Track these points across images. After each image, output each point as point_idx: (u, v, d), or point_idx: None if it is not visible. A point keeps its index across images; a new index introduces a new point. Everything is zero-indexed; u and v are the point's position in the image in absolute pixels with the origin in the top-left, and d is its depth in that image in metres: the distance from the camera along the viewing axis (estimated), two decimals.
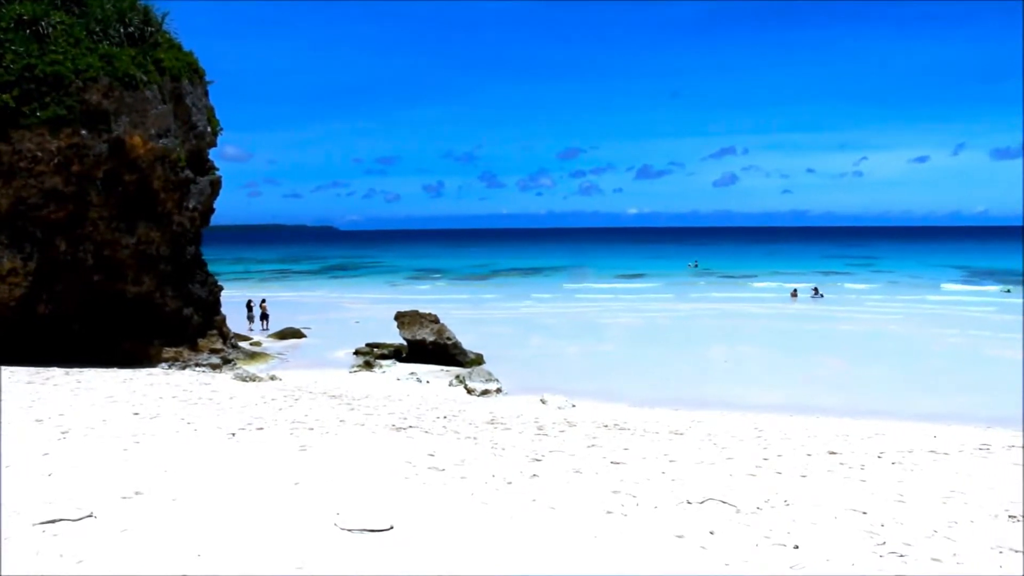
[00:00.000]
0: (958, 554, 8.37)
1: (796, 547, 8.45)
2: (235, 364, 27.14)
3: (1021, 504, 10.58)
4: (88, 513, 8.55)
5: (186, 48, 27.44)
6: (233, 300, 39.94)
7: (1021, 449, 15.19)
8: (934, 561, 8.14)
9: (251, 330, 40.23)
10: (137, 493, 9.49)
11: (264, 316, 41.99)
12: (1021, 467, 13.51)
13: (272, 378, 24.76)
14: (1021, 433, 17.66)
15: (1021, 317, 46.07)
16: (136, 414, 15.66)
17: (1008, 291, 65.19)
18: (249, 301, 44.02)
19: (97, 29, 24.07)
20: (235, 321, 33.00)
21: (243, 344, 32.29)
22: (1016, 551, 8.54)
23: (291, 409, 17.91)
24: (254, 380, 23.62)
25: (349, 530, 8.44)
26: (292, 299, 45.84)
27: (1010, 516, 9.97)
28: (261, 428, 14.87)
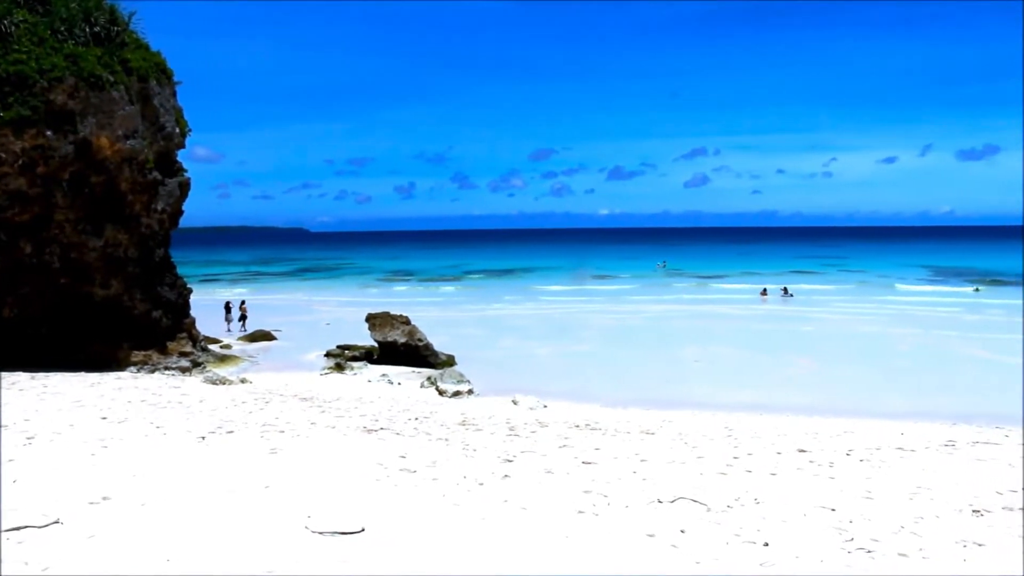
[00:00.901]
0: (924, 549, 8.48)
1: (766, 544, 8.52)
2: (205, 367, 26.94)
3: (985, 499, 10.74)
4: (54, 519, 8.45)
5: (154, 48, 27.18)
6: (204, 303, 39.75)
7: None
8: (900, 556, 8.23)
9: (229, 331, 40.02)
10: (105, 498, 9.40)
11: (243, 317, 41.86)
12: (1021, 464, 13.69)
13: (242, 381, 24.60)
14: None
15: (988, 316, 46.74)
16: (104, 418, 15.50)
17: (977, 290, 66.05)
18: (227, 303, 43.80)
19: (62, 28, 23.77)
20: (210, 323, 32.81)
21: (213, 347, 32.07)
22: (980, 545, 8.67)
23: (262, 412, 17.80)
24: (224, 383, 23.45)
25: (320, 533, 8.41)
26: (263, 301, 45.56)
27: (974, 511, 10.11)
28: (231, 431, 14.77)
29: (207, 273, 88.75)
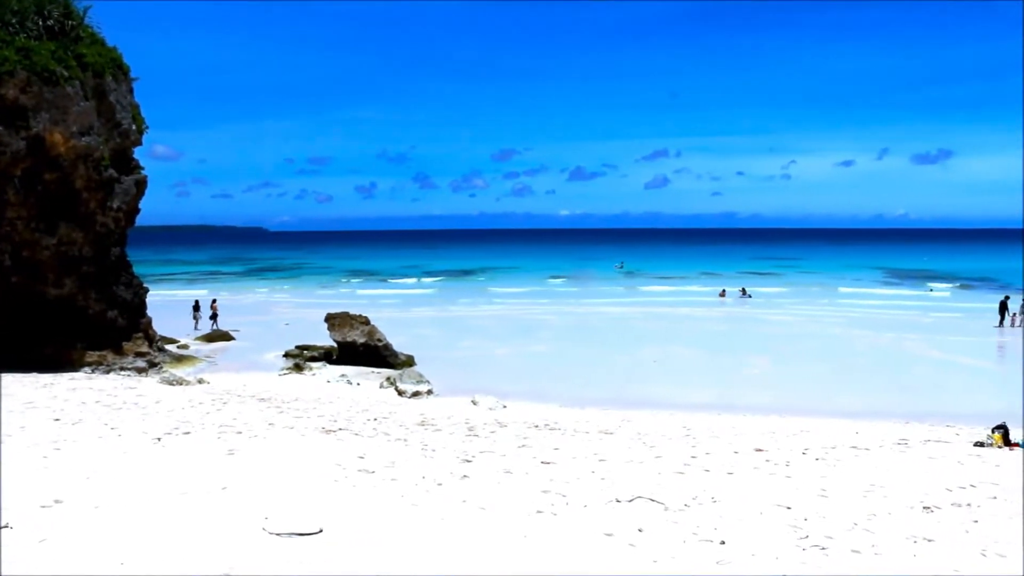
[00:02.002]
0: (876, 545, 8.60)
1: (723, 542, 8.59)
2: (161, 368, 26.63)
3: (935, 496, 10.93)
4: (4, 524, 8.30)
5: (110, 43, 26.82)
6: (162, 302, 39.19)
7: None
8: (854, 553, 8.35)
9: (197, 329, 39.80)
10: (57, 502, 9.26)
11: (214, 315, 41.61)
12: (969, 462, 13.94)
13: (200, 381, 24.35)
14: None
15: (942, 317, 47.52)
16: (57, 420, 15.28)
17: (931, 291, 67.18)
18: (196, 301, 43.56)
19: (13, 21, 23.37)
20: (168, 323, 32.33)
21: (170, 347, 31.69)
22: (929, 541, 8.82)
23: (219, 413, 17.65)
24: (181, 384, 23.20)
25: (278, 534, 8.34)
26: (221, 301, 45.01)
27: (924, 507, 10.29)
28: (188, 432, 14.63)
29: (164, 272, 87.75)
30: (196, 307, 42.44)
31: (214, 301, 43.41)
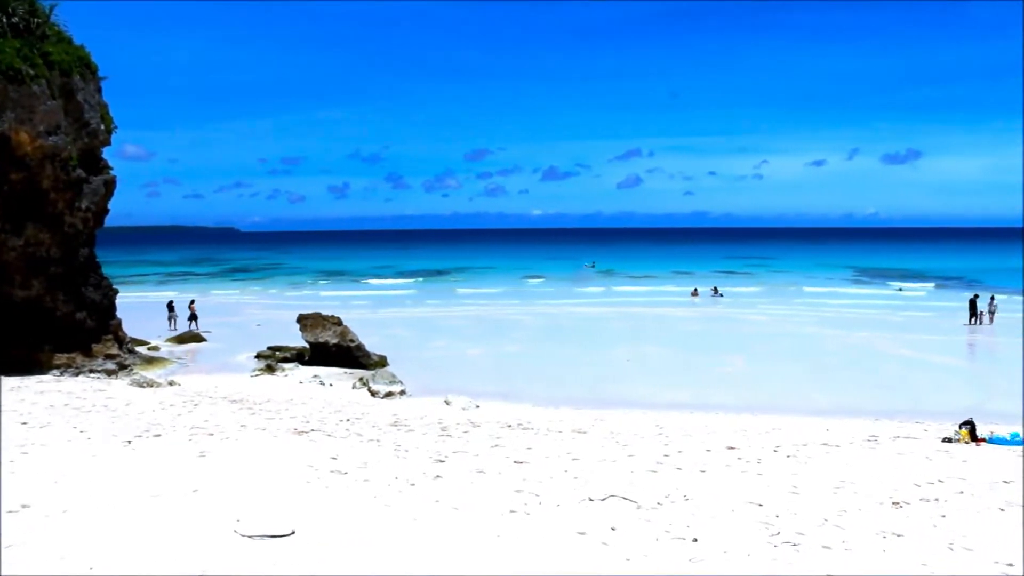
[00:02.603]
0: (846, 541, 8.67)
1: (695, 540, 8.63)
2: (132, 370, 26.38)
3: (904, 492, 11.04)
4: None
5: (77, 42, 26.53)
6: (132, 304, 38.77)
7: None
8: (824, 549, 8.41)
9: (173, 330, 39.60)
10: (24, 506, 9.14)
11: (193, 316, 41.34)
12: (937, 458, 14.09)
13: (171, 383, 24.15)
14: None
15: (911, 315, 48.03)
16: (24, 423, 15.10)
17: (901, 290, 67.87)
18: (170, 302, 43.37)
19: None
20: (139, 324, 32.01)
21: (140, 349, 31.38)
22: (899, 536, 8.91)
23: (190, 415, 17.53)
24: (152, 386, 22.99)
25: (250, 536, 8.29)
26: (183, 301, 44.78)
27: (894, 503, 10.40)
28: (158, 435, 14.51)
29: (135, 274, 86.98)
30: (171, 307, 42.17)
31: (192, 302, 43.20)
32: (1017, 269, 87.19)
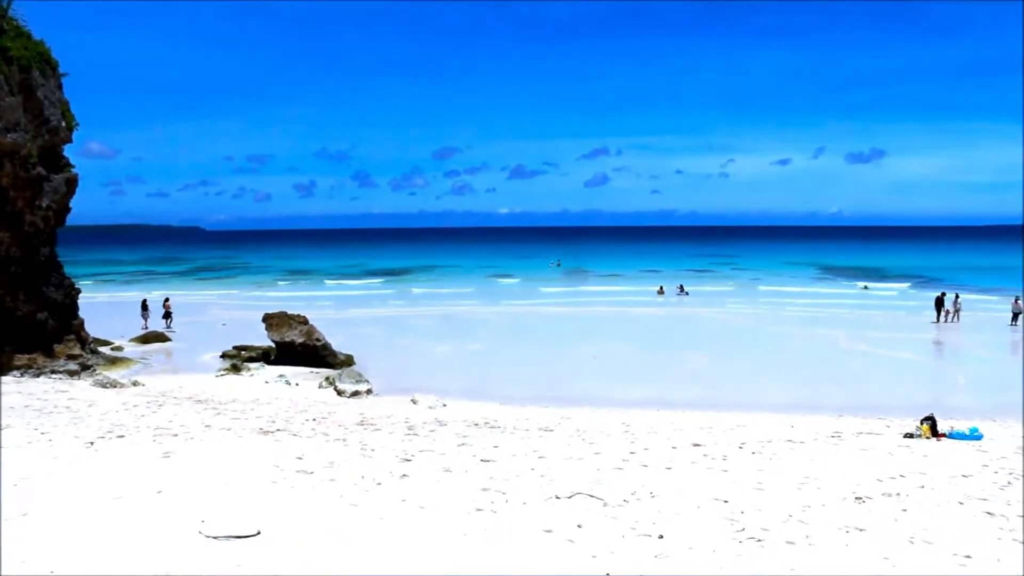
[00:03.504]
0: (810, 536, 8.76)
1: (661, 537, 8.68)
2: (95, 370, 26.07)
3: (867, 486, 11.18)
4: None
5: (38, 37, 26.13)
6: (96, 303, 38.30)
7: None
8: (788, 544, 8.49)
9: (146, 329, 39.22)
10: None
11: (167, 314, 41.21)
12: (899, 453, 14.26)
13: (135, 384, 23.92)
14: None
15: (875, 313, 48.57)
16: None
17: (865, 288, 68.59)
18: (144, 300, 43.05)
19: None
20: (103, 324, 31.60)
21: (103, 349, 31.00)
22: (861, 530, 9.01)
23: (154, 415, 17.36)
24: (115, 386, 22.75)
25: (215, 537, 8.22)
26: (156, 300, 44.35)
27: (857, 498, 10.51)
28: (122, 436, 14.37)
29: (98, 273, 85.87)
30: (145, 306, 41.94)
31: (167, 300, 43.13)
32: (977, 268, 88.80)
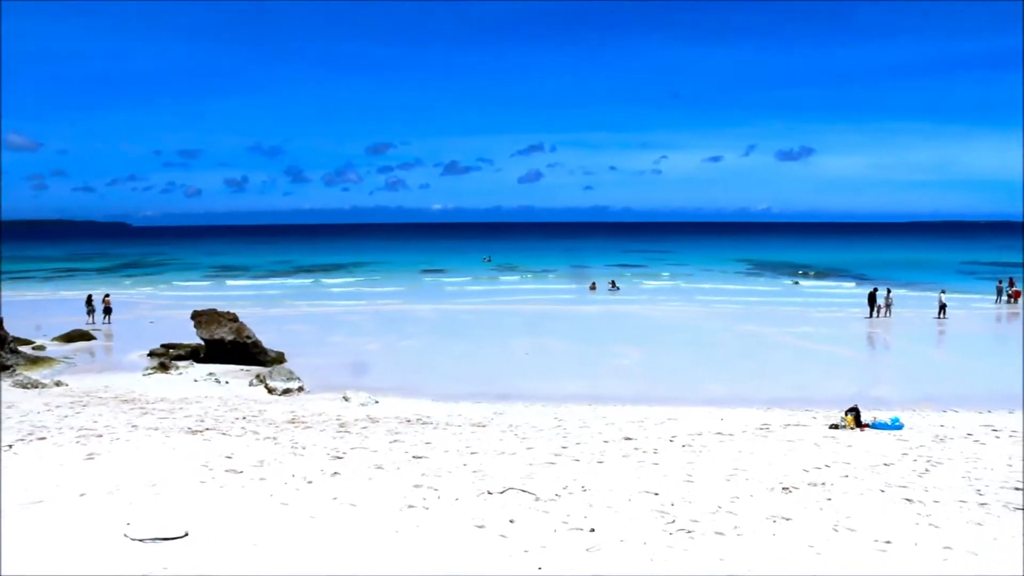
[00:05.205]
0: (739, 526, 8.92)
1: (592, 530, 8.75)
2: (14, 370, 25.30)
3: (794, 477, 11.41)
4: None
5: None
6: (15, 302, 37.36)
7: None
8: (717, 535, 8.63)
9: (90, 324, 38.92)
10: None
11: (107, 310, 40.88)
12: (824, 444, 14.56)
13: (57, 384, 23.33)
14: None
15: (804, 307, 49.52)
16: None
17: (796, 283, 69.96)
18: (89, 296, 42.76)
19: None
20: (20, 324, 30.73)
21: (24, 349, 30.14)
22: (787, 520, 9.21)
23: (78, 416, 16.98)
24: (36, 387, 22.17)
25: (140, 540, 8.07)
26: (81, 298, 43.41)
27: (784, 488, 10.73)
28: (43, 438, 14.03)
29: (18, 270, 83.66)
30: (89, 302, 41.60)
31: (107, 295, 42.78)
32: (903, 263, 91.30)
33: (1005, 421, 17.98)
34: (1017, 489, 10.93)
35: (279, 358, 29.64)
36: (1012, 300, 49.28)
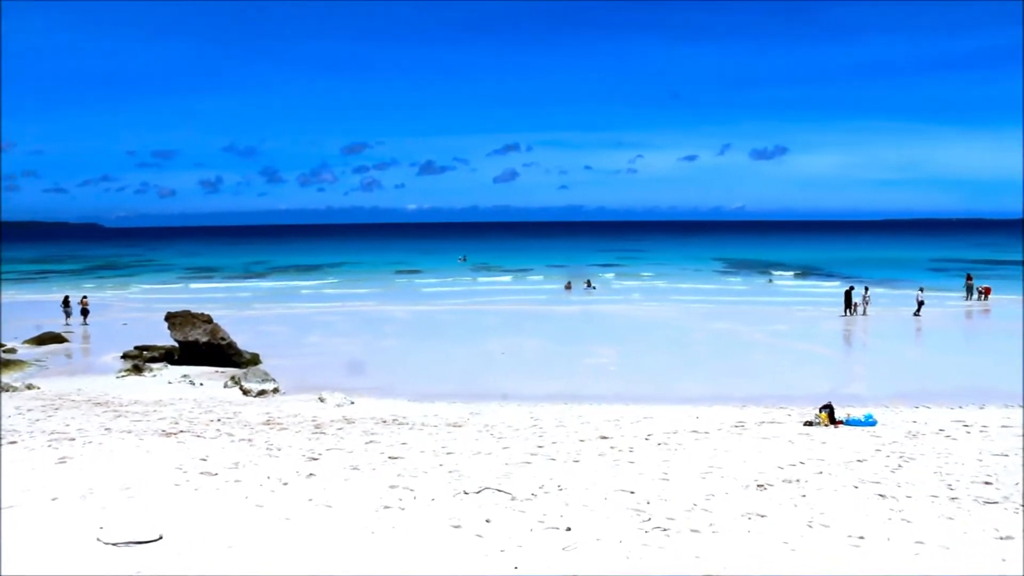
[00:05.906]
0: (714, 524, 8.97)
1: (568, 529, 8.77)
2: None
3: (769, 474, 11.49)
4: None
5: None
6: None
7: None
8: (693, 532, 8.67)
9: (68, 325, 38.92)
10: None
11: (85, 311, 40.83)
12: (799, 441, 14.65)
13: (28, 387, 23.12)
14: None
15: (778, 305, 49.82)
16: None
17: (770, 280, 70.35)
18: (66, 297, 42.57)
19: None
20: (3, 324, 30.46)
21: None
22: (762, 516, 9.27)
23: (50, 419, 16.82)
24: (7, 390, 21.96)
25: (114, 544, 8.00)
26: (53, 300, 43.06)
27: (759, 486, 10.80)
28: (13, 442, 13.88)
29: None
30: (66, 303, 41.48)
31: (84, 297, 42.85)
32: (879, 260, 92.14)
33: (975, 416, 18.20)
34: (987, 484, 11.06)
35: (254, 359, 29.50)
36: (983, 297, 49.84)
